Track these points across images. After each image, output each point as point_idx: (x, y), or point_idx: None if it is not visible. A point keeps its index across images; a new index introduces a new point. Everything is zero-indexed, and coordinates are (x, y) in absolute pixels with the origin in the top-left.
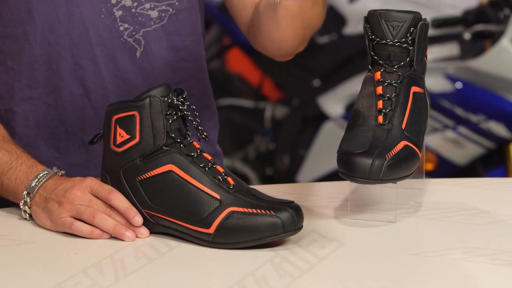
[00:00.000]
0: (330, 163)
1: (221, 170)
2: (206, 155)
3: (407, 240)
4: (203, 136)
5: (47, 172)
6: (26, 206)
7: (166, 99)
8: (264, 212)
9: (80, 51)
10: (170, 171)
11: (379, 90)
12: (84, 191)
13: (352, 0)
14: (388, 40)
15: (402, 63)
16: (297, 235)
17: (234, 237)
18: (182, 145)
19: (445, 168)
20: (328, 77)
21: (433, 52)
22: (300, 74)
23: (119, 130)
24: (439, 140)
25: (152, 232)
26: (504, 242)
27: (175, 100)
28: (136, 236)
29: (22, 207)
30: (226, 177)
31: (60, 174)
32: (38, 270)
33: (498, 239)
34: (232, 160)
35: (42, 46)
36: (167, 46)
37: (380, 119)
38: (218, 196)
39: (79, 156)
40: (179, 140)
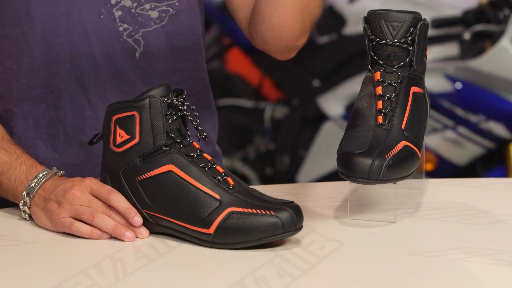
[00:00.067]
0: (330, 163)
1: (220, 170)
2: (206, 155)
3: (407, 240)
4: (203, 136)
5: (46, 172)
6: (26, 206)
7: (165, 99)
8: (264, 212)
9: (79, 52)
10: (170, 171)
11: (379, 90)
12: (83, 191)
13: (352, 0)
14: (388, 40)
15: (402, 63)
16: (297, 235)
17: (234, 237)
18: (182, 145)
19: (445, 168)
20: (328, 77)
21: (433, 52)
22: (300, 74)
23: (119, 130)
24: (439, 140)
25: (152, 232)
26: (504, 242)
27: (175, 100)
28: (136, 236)
29: (21, 207)
30: (226, 177)
31: (60, 175)
32: (38, 270)
33: (498, 239)
34: (232, 160)
35: (41, 46)
36: (167, 47)
37: (380, 119)
38: (218, 196)
39: (78, 156)
40: (178, 140)
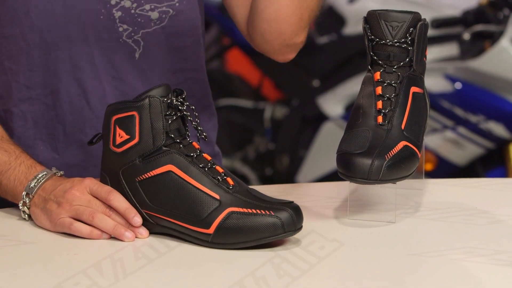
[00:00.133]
0: (330, 163)
1: (220, 170)
2: (205, 155)
3: (406, 240)
4: (203, 136)
5: (46, 172)
6: (25, 206)
7: (165, 99)
8: (264, 212)
9: (78, 52)
10: (170, 171)
11: (379, 90)
12: (83, 191)
13: (352, 1)
14: (388, 40)
15: (402, 64)
16: (296, 235)
17: (233, 237)
18: (181, 145)
19: (444, 169)
20: (328, 77)
21: (432, 53)
22: (300, 75)
23: (119, 131)
24: (439, 140)
25: (152, 232)
26: (504, 242)
27: (175, 101)
28: (136, 237)
29: (21, 207)
30: (225, 177)
31: (59, 175)
32: (38, 270)
33: (498, 239)
34: (231, 160)
35: (40, 47)
36: (166, 47)
37: (380, 119)
38: (217, 196)
39: (77, 157)
40: (178, 141)
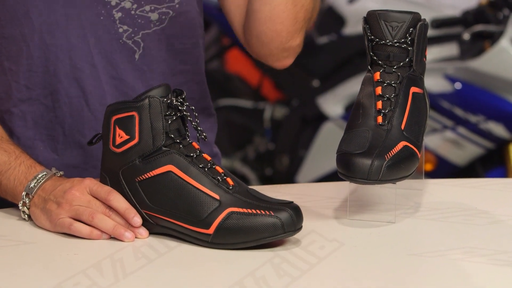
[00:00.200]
0: (330, 164)
1: (220, 170)
2: (205, 155)
3: (406, 240)
4: (202, 136)
5: (46, 173)
6: (25, 207)
7: (165, 99)
8: (264, 212)
9: (78, 53)
10: (170, 171)
11: (379, 90)
12: (83, 191)
13: (352, 1)
14: (388, 40)
15: (402, 64)
16: (296, 236)
17: (233, 237)
18: (181, 145)
19: (444, 169)
20: (328, 77)
21: (432, 53)
22: (300, 75)
23: (118, 131)
24: (439, 140)
25: (152, 232)
26: (504, 242)
27: (174, 101)
28: (136, 237)
29: (21, 207)
30: (225, 177)
31: (59, 175)
32: (38, 270)
33: (498, 240)
34: (231, 160)
35: (40, 47)
36: (166, 49)
37: (380, 119)
38: (217, 196)
39: (77, 158)
40: (178, 141)
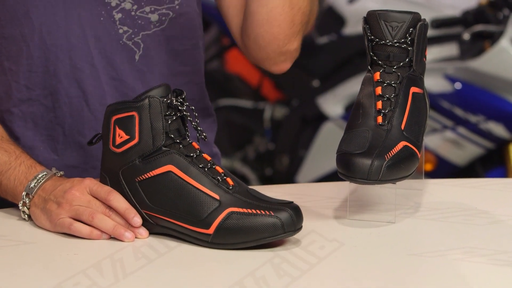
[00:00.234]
0: (330, 164)
1: (220, 170)
2: (205, 155)
3: (406, 240)
4: (202, 136)
5: (46, 173)
6: (25, 207)
7: (165, 99)
8: (264, 212)
9: (78, 54)
10: (170, 171)
11: (378, 90)
12: (83, 191)
13: (352, 1)
14: (387, 40)
15: (402, 64)
16: (296, 236)
17: (233, 237)
18: (181, 145)
19: (444, 169)
20: (328, 77)
21: (432, 53)
22: (300, 75)
23: (118, 131)
24: (439, 140)
25: (152, 232)
26: (504, 242)
27: (174, 101)
28: (136, 237)
29: (21, 207)
30: (225, 177)
31: (59, 175)
32: (38, 270)
33: (498, 240)
34: (231, 160)
35: (40, 48)
36: (166, 50)
37: (380, 119)
38: (217, 196)
39: (77, 158)
40: (178, 141)
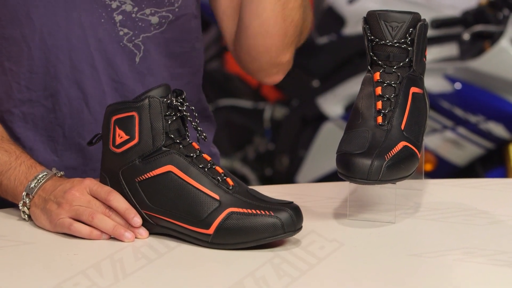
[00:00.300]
0: (330, 164)
1: (220, 170)
2: (205, 155)
3: (406, 240)
4: (202, 136)
5: (46, 173)
6: (25, 207)
7: (165, 99)
8: (264, 212)
9: (78, 55)
10: (169, 171)
11: (378, 90)
12: (83, 192)
13: (352, 1)
14: (387, 40)
15: (401, 64)
16: (296, 236)
17: (233, 237)
18: (181, 145)
19: (444, 169)
20: (328, 77)
21: (432, 53)
22: (300, 75)
23: (118, 131)
24: (438, 140)
25: (152, 232)
26: (504, 242)
27: (174, 101)
28: (135, 237)
29: (21, 208)
30: (225, 177)
31: (59, 175)
32: (37, 271)
33: (498, 240)
34: (231, 160)
35: (40, 49)
36: (166, 52)
37: (379, 119)
38: (217, 196)
39: (76, 160)
40: (178, 141)
